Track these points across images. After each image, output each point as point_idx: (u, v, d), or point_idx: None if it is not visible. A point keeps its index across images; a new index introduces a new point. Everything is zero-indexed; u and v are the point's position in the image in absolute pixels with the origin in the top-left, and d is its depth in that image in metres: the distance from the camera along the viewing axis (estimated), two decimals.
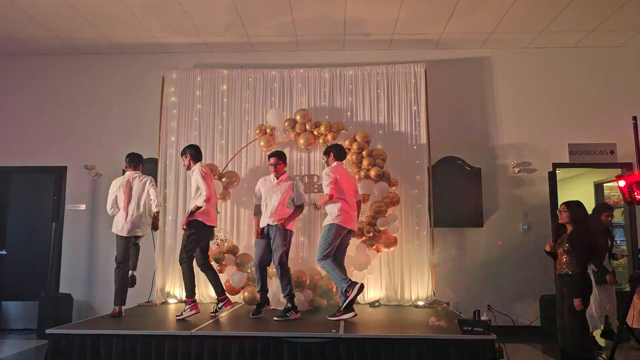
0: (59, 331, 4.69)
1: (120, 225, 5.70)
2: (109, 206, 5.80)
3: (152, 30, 6.81)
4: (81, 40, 7.11)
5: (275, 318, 5.29)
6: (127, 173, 5.91)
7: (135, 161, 5.94)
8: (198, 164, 5.73)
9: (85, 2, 6.05)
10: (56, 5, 6.13)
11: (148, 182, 5.85)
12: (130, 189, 5.77)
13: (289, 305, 5.41)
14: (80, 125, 7.43)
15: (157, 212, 5.86)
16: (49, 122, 7.46)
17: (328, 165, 5.80)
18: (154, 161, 6.99)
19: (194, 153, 5.77)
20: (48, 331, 4.67)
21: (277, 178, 5.69)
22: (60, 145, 7.40)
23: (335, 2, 6.06)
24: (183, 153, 5.82)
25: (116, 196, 5.78)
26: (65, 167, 7.36)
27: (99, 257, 7.17)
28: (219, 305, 5.52)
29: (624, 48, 7.19)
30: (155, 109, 7.09)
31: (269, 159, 5.76)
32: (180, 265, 5.52)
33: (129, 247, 5.77)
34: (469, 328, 4.42)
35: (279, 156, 5.73)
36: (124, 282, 5.74)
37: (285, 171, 5.79)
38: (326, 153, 5.82)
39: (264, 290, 5.63)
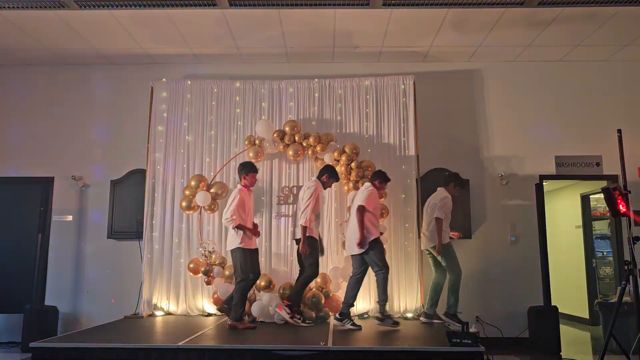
0: (43, 345, 4.61)
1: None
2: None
3: (141, 41, 6.80)
4: (69, 50, 7.08)
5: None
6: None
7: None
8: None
9: (74, 13, 6.04)
10: (44, 16, 6.11)
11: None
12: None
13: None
14: (67, 135, 7.37)
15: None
16: (36, 133, 7.40)
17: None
18: (142, 172, 6.95)
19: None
20: (32, 344, 4.60)
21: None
22: (48, 155, 7.33)
23: (325, 14, 6.10)
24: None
25: None
26: (52, 178, 7.29)
27: (86, 269, 7.09)
28: None
29: (608, 62, 7.30)
30: (144, 120, 7.06)
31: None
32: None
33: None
34: (458, 340, 4.42)
35: None
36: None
37: None
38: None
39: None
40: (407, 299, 6.48)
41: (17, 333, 6.72)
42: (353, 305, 5.76)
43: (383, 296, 5.64)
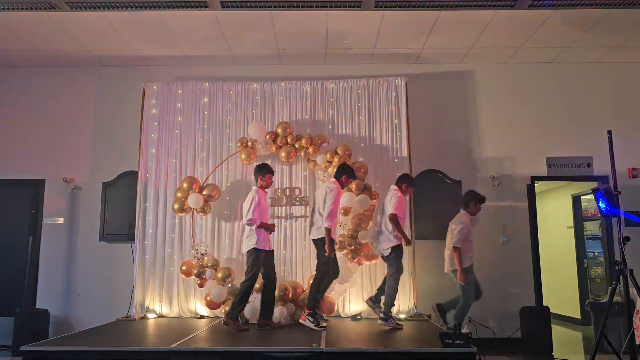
0: (34, 348, 4.58)
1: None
2: None
3: (133, 42, 6.78)
4: (60, 52, 7.05)
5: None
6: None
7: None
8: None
9: (65, 15, 6.01)
10: (35, 18, 6.08)
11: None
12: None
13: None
14: (59, 137, 7.33)
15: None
16: (27, 134, 7.35)
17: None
18: (134, 174, 6.93)
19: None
20: (22, 348, 4.56)
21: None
22: (39, 157, 7.29)
23: (317, 16, 6.10)
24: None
25: None
26: (44, 180, 7.25)
27: (77, 272, 7.05)
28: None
29: (599, 64, 7.36)
30: (136, 122, 7.03)
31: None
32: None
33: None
34: (450, 341, 4.43)
35: None
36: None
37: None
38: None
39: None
40: (400, 300, 6.45)
41: (8, 336, 6.66)
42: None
43: (388, 301, 5.75)
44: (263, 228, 5.71)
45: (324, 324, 5.66)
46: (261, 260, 5.69)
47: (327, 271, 5.73)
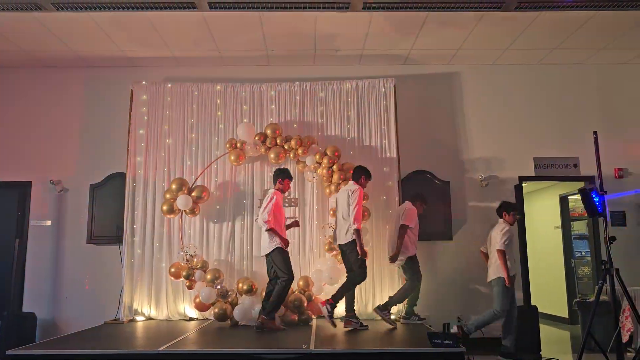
0: (20, 352, 4.53)
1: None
2: None
3: (121, 44, 6.74)
4: (47, 53, 6.99)
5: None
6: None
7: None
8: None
9: (51, 15, 5.96)
10: (21, 18, 6.02)
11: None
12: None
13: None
14: (46, 139, 7.27)
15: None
16: (13, 136, 7.28)
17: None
18: (122, 175, 6.89)
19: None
20: (8, 352, 4.51)
21: None
22: (25, 159, 7.22)
23: (305, 17, 6.11)
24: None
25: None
26: (30, 182, 7.18)
27: (65, 275, 6.98)
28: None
29: (585, 65, 7.43)
30: (124, 123, 7.00)
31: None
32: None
33: None
34: (439, 341, 4.45)
35: None
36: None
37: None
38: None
39: None
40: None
41: None
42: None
43: (396, 299, 6.01)
44: (277, 237, 5.69)
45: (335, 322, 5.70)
46: (288, 257, 5.74)
47: (364, 269, 5.75)
